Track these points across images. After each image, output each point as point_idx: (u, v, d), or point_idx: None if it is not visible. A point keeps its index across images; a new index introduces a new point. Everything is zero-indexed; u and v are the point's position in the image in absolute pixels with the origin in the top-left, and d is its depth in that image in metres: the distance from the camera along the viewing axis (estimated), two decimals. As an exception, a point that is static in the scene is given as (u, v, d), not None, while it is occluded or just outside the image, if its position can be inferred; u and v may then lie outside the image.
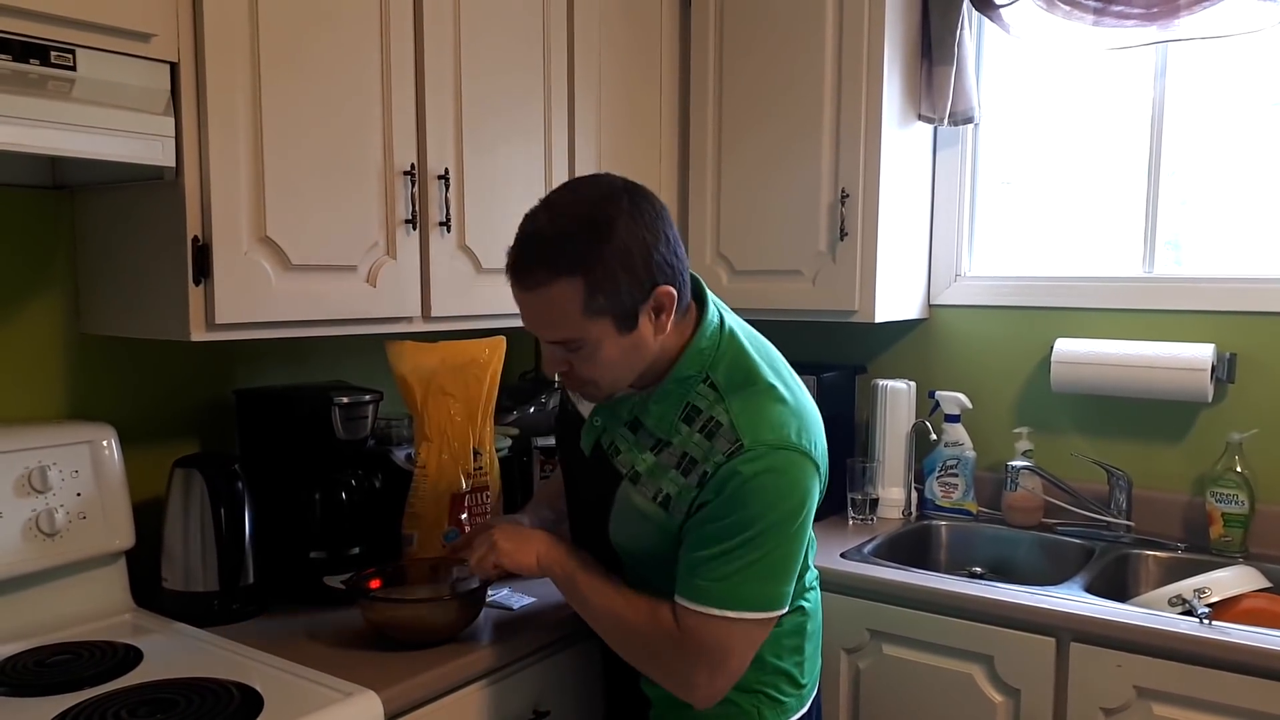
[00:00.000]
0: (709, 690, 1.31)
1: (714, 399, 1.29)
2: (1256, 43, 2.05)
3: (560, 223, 1.24)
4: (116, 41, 1.32)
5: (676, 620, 1.29)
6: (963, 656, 1.79)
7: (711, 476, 1.26)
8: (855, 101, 2.15)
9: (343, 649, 1.49)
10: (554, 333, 1.28)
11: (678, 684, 1.33)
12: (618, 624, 1.37)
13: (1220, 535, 2.03)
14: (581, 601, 1.41)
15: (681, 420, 1.30)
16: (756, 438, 1.25)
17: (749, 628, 1.28)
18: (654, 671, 1.37)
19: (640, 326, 1.26)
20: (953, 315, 2.43)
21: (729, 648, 1.29)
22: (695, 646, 1.28)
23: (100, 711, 1.25)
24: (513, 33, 1.89)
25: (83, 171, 1.57)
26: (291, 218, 1.54)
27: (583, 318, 1.23)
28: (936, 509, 2.34)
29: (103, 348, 1.70)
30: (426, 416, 1.75)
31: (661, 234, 1.26)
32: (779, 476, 1.26)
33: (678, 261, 1.28)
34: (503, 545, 1.44)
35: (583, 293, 1.21)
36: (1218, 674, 1.56)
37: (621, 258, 1.21)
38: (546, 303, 1.24)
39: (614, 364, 1.28)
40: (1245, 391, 2.09)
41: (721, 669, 1.29)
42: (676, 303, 1.27)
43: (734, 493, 1.24)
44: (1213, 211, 2.18)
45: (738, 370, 1.32)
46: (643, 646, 1.35)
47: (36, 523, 1.50)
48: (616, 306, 1.23)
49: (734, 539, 1.25)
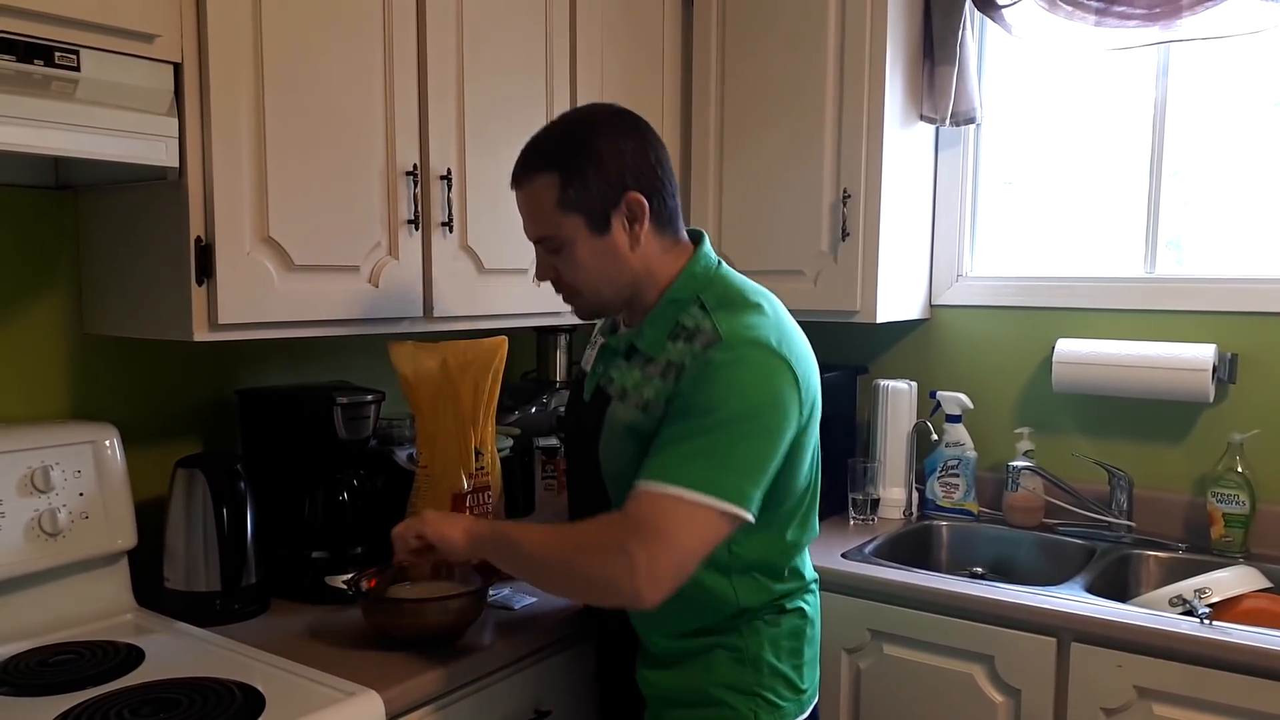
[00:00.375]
0: (649, 573, 1.18)
1: (702, 316, 1.32)
2: (1258, 43, 2.05)
3: (549, 129, 1.39)
4: (120, 42, 1.32)
5: (623, 510, 1.24)
6: (964, 656, 1.79)
7: (686, 369, 1.28)
8: (857, 101, 2.15)
9: (344, 649, 1.49)
10: (535, 229, 1.38)
11: (615, 568, 1.20)
12: (555, 546, 1.29)
13: (1221, 535, 2.03)
14: (514, 548, 1.33)
15: (669, 338, 1.33)
16: (733, 334, 1.28)
17: (695, 512, 1.20)
18: (595, 566, 1.23)
19: (614, 232, 1.34)
20: (954, 315, 2.43)
21: (671, 527, 1.19)
22: (635, 521, 1.21)
23: (102, 711, 1.26)
24: (515, 33, 1.89)
25: (86, 172, 1.57)
26: (294, 218, 1.54)
27: (556, 211, 1.33)
28: (937, 509, 2.34)
29: (106, 348, 1.71)
30: (428, 416, 1.75)
31: (640, 146, 1.34)
32: (748, 367, 1.26)
33: (657, 179, 1.35)
34: (429, 517, 1.42)
35: (557, 187, 1.32)
36: (1218, 674, 1.56)
37: (593, 157, 1.31)
38: (528, 197, 1.37)
39: (589, 268, 1.35)
40: (1246, 392, 2.09)
41: (663, 550, 1.18)
42: (649, 214, 1.33)
43: (701, 376, 1.25)
44: (1214, 212, 2.18)
45: (729, 294, 1.35)
46: (579, 551, 1.26)
47: (39, 522, 1.50)
48: (587, 204, 1.32)
49: (692, 420, 1.23)
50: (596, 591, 1.28)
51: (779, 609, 1.40)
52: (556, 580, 1.33)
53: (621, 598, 1.23)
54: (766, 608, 1.39)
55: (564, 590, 1.39)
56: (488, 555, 1.39)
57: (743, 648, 1.37)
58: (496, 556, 1.38)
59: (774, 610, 1.40)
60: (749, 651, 1.37)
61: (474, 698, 1.49)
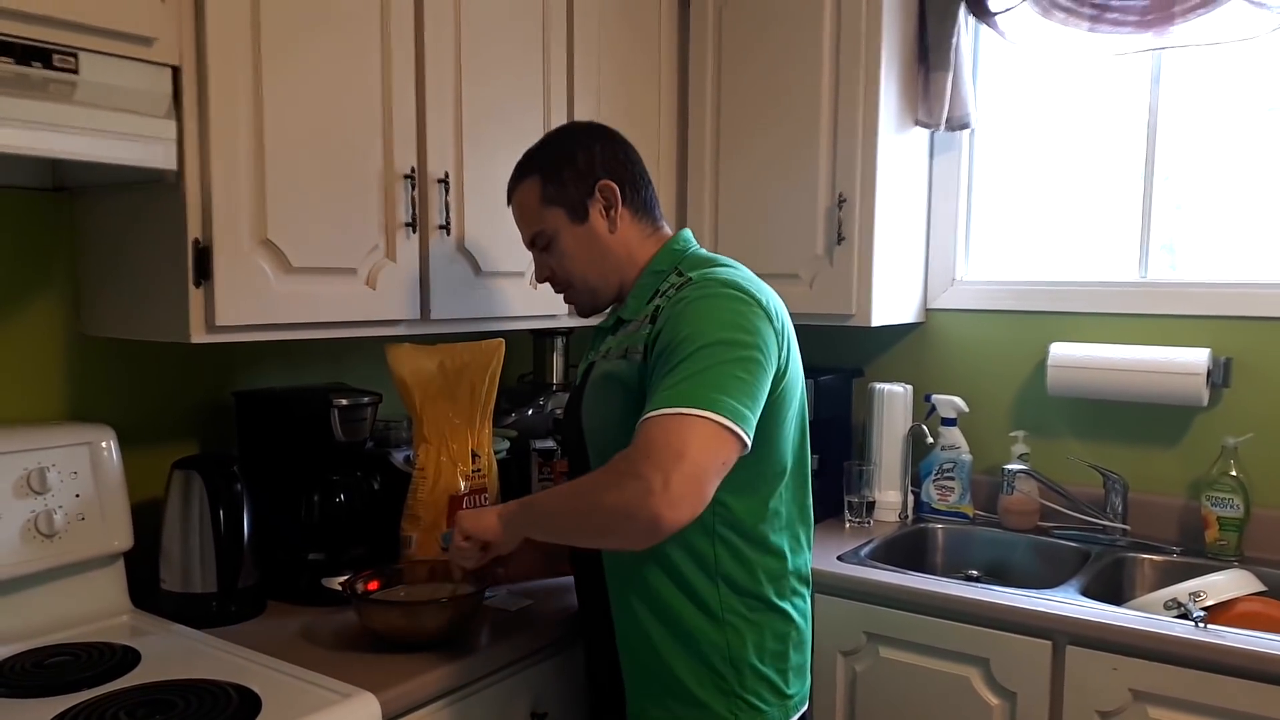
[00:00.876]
0: (665, 492, 1.18)
1: (678, 279, 1.43)
2: (1251, 50, 2.06)
3: (532, 147, 1.57)
4: (118, 45, 1.32)
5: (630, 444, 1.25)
6: (959, 659, 1.79)
7: (662, 310, 1.37)
8: (852, 106, 2.16)
9: (341, 651, 1.49)
10: (526, 229, 1.55)
11: (635, 494, 1.20)
12: (574, 494, 1.33)
13: (1215, 539, 2.03)
14: (542, 512, 1.41)
15: (647, 302, 1.44)
16: (704, 278, 1.39)
17: (698, 425, 1.21)
18: (612, 497, 1.23)
19: (592, 219, 1.49)
20: (949, 319, 2.44)
21: (678, 444, 1.20)
22: (646, 446, 1.22)
23: (99, 713, 1.26)
24: (513, 37, 1.90)
25: (84, 174, 1.58)
26: (292, 220, 1.54)
27: (540, 207, 1.50)
28: (933, 512, 2.35)
29: (103, 349, 1.71)
30: (425, 419, 1.76)
31: (608, 146, 1.51)
32: (720, 301, 1.34)
33: (626, 171, 1.50)
34: (464, 518, 1.48)
35: (539, 186, 1.50)
36: (1213, 677, 1.56)
37: (567, 157, 1.50)
38: (517, 203, 1.55)
39: (576, 256, 1.50)
40: (1240, 396, 2.10)
41: (674, 467, 1.19)
42: (621, 200, 1.48)
43: (679, 314, 1.33)
44: (1207, 216, 2.19)
45: (705, 260, 1.47)
46: (595, 489, 1.28)
47: (35, 524, 1.50)
48: (565, 197, 1.49)
49: (678, 357, 1.28)
50: (618, 522, 1.25)
51: (764, 603, 1.39)
52: (583, 525, 1.34)
53: (642, 522, 1.20)
54: (749, 595, 1.38)
55: (591, 534, 1.37)
56: (524, 531, 1.44)
57: (723, 646, 1.36)
58: (531, 528, 1.43)
59: (758, 603, 1.38)
60: (730, 651, 1.36)
61: (470, 700, 1.50)
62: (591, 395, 1.45)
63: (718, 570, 1.37)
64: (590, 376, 1.47)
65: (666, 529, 1.21)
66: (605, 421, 1.42)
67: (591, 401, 1.45)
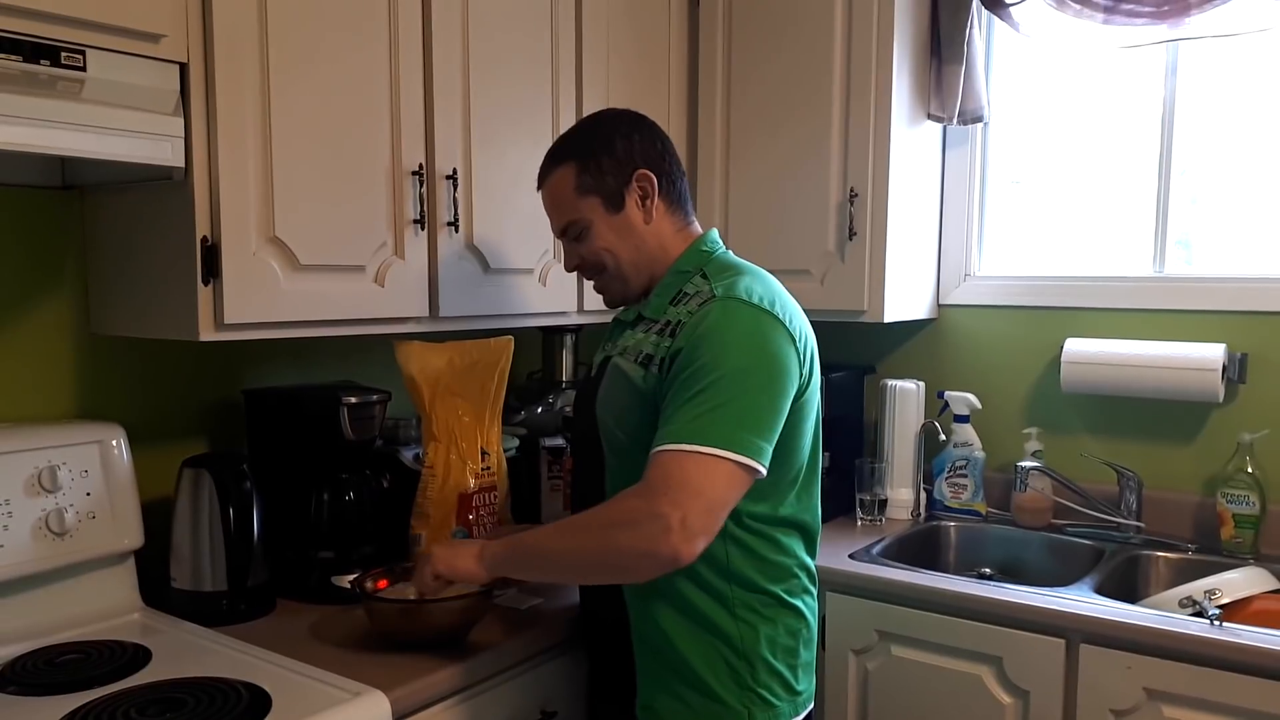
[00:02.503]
0: (683, 529, 1.21)
1: (702, 282, 1.41)
2: (1267, 41, 2.04)
3: (564, 133, 1.55)
4: (126, 42, 1.32)
5: (644, 479, 1.26)
6: (972, 658, 1.78)
7: (684, 325, 1.34)
8: (864, 100, 2.14)
9: (351, 649, 1.49)
10: (559, 218, 1.51)
11: (650, 532, 1.22)
12: (582, 536, 1.32)
13: (1231, 536, 2.02)
14: (537, 554, 1.37)
15: (671, 303, 1.41)
16: (728, 294, 1.35)
17: (715, 465, 1.23)
18: (629, 539, 1.25)
19: (628, 209, 1.46)
20: (962, 315, 2.42)
21: (695, 482, 1.22)
22: (663, 484, 1.23)
23: (109, 711, 1.26)
24: (521, 32, 1.89)
25: (92, 172, 1.58)
26: (300, 218, 1.54)
27: (575, 196, 1.46)
28: (945, 510, 2.33)
29: (112, 348, 1.71)
30: (434, 416, 1.75)
31: (646, 135, 1.48)
32: (744, 325, 1.32)
33: (664, 162, 1.48)
34: (438, 554, 1.45)
35: (574, 174, 1.46)
36: (1228, 676, 1.55)
37: (603, 144, 1.46)
38: (550, 191, 1.50)
39: (611, 245, 1.47)
40: (1256, 392, 2.08)
41: (691, 504, 1.21)
42: (658, 191, 1.45)
43: (701, 336, 1.31)
44: (1223, 211, 2.17)
45: (729, 266, 1.44)
46: (610, 530, 1.27)
47: (46, 522, 1.50)
48: (602, 186, 1.45)
49: (699, 384, 1.27)
50: (637, 561, 1.27)
51: (776, 600, 1.39)
52: (592, 568, 1.36)
53: (661, 561, 1.24)
54: (761, 592, 1.37)
55: (601, 575, 1.40)
56: (508, 571, 1.43)
57: (737, 639, 1.36)
58: (519, 570, 1.43)
59: (770, 600, 1.38)
60: (744, 644, 1.36)
61: (480, 698, 1.49)
62: (608, 389, 1.44)
63: (730, 570, 1.36)
64: (606, 369, 1.46)
65: (685, 564, 1.25)
66: (619, 419, 1.41)
67: (607, 394, 1.44)
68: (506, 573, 1.43)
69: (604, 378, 1.45)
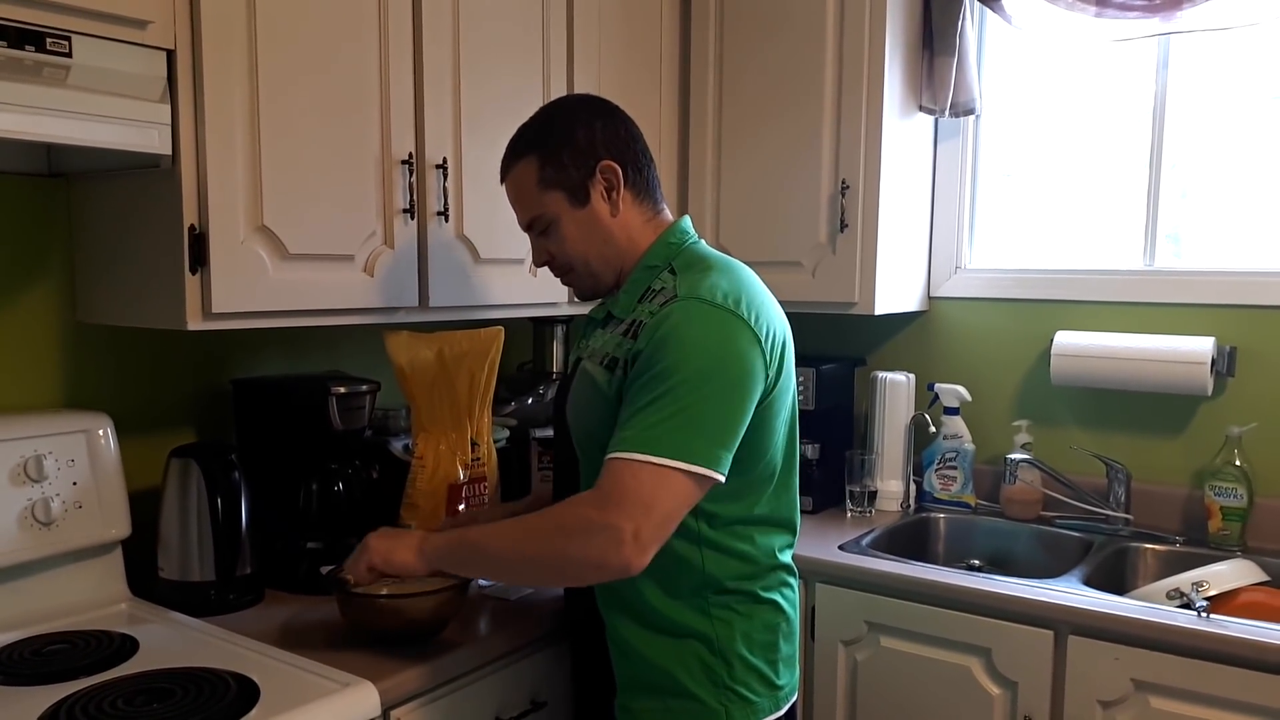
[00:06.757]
0: (635, 540, 1.20)
1: (669, 278, 1.37)
2: (1258, 36, 2.04)
3: (526, 122, 1.47)
4: (113, 28, 1.31)
5: (596, 486, 1.25)
6: (961, 649, 1.79)
7: (645, 326, 1.31)
8: (856, 92, 2.14)
9: (340, 640, 1.49)
10: (523, 213, 1.46)
11: (601, 543, 1.22)
12: (531, 538, 1.29)
13: (1219, 529, 2.02)
14: (480, 552, 1.35)
15: (639, 301, 1.38)
16: (690, 294, 1.31)
17: (669, 476, 1.22)
18: (580, 547, 1.24)
19: (594, 202, 1.41)
20: (953, 307, 2.43)
21: (648, 494, 1.21)
22: (616, 494, 1.22)
23: (96, 701, 1.25)
24: (512, 21, 1.88)
25: (79, 159, 1.56)
26: (288, 206, 1.53)
27: (538, 190, 1.41)
28: (935, 501, 2.34)
29: (99, 336, 1.70)
30: (424, 407, 1.75)
31: (610, 123, 1.42)
32: (704, 327, 1.28)
33: (629, 150, 1.42)
34: (374, 545, 1.42)
35: (536, 168, 1.41)
36: (1215, 667, 1.56)
37: (566, 135, 1.40)
38: (513, 184, 1.46)
39: (576, 240, 1.42)
40: (1245, 385, 2.08)
41: (644, 517, 1.21)
42: (624, 181, 1.41)
43: (662, 339, 1.27)
44: (1214, 205, 2.17)
45: (698, 260, 1.40)
46: (560, 535, 1.26)
47: (32, 512, 1.49)
48: (565, 180, 1.40)
49: (657, 389, 1.24)
50: (587, 571, 1.28)
51: (752, 597, 1.38)
52: (538, 572, 1.35)
53: (611, 571, 1.24)
54: (737, 591, 1.37)
55: (546, 578, 1.41)
56: (449, 567, 1.40)
57: (713, 638, 1.35)
58: (460, 566, 1.40)
59: (746, 598, 1.37)
60: (720, 643, 1.35)
61: (469, 689, 1.49)
62: (576, 393, 1.42)
63: (704, 573, 1.35)
64: (576, 373, 1.43)
65: (634, 574, 1.24)
66: (587, 424, 1.39)
67: (578, 403, 1.41)
68: (447, 568, 1.40)
69: (574, 381, 1.44)
